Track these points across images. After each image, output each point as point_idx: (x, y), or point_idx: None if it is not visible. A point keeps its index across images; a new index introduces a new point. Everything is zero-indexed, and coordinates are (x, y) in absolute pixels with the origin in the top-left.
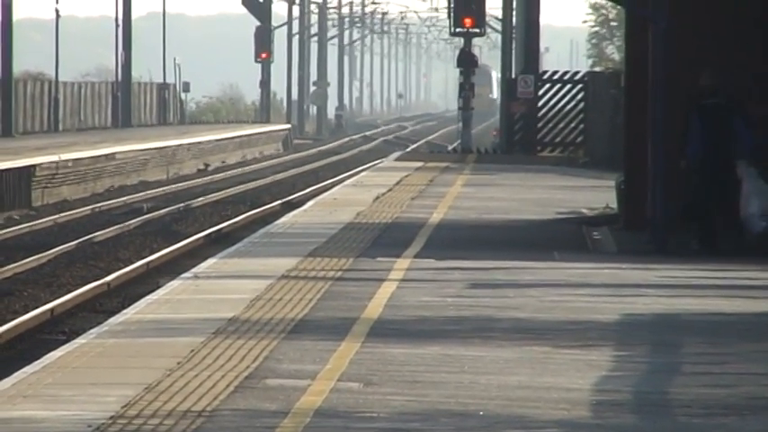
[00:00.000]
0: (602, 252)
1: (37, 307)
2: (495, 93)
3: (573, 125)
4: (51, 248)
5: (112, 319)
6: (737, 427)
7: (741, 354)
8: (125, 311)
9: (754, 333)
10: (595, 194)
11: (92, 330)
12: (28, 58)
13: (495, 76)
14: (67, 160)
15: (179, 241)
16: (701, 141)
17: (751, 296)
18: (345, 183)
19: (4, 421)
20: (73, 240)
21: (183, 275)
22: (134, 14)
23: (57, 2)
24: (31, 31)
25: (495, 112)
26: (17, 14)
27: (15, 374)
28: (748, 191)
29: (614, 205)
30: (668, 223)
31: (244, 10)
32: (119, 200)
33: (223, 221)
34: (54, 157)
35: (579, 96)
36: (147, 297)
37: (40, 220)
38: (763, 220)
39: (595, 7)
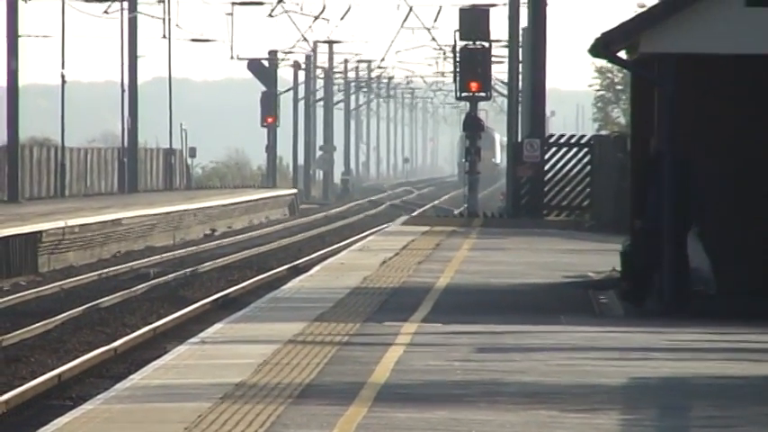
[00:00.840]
0: (609, 316)
1: (44, 373)
2: (499, 157)
3: (579, 189)
4: (58, 314)
5: (119, 385)
6: None
7: (750, 417)
8: (132, 377)
9: (762, 396)
10: (602, 258)
11: (99, 396)
12: (34, 124)
13: (499, 140)
14: (74, 226)
15: (186, 306)
16: (656, 202)
17: (759, 359)
18: (352, 247)
19: None
20: (80, 306)
21: (190, 340)
22: (140, 79)
23: (62, 67)
24: (36, 97)
25: (497, 177)
26: (23, 80)
27: None
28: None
29: (620, 269)
30: (676, 286)
31: (250, 75)
32: (125, 265)
33: (230, 286)
34: (60, 223)
35: (585, 160)
36: (154, 362)
37: (47, 286)
38: (698, 284)
39: (601, 71)
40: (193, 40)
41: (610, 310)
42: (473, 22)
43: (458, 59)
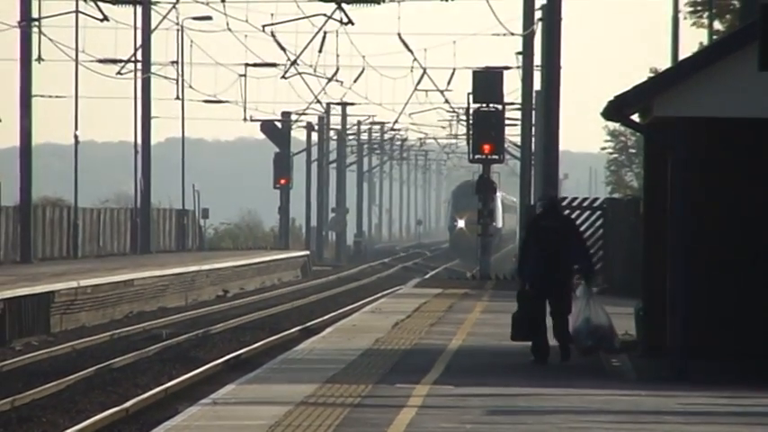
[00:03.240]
0: (622, 379)
1: None
2: (500, 221)
3: (592, 252)
4: (70, 375)
5: None
6: None
7: None
8: None
9: None
10: (614, 321)
11: None
12: (47, 184)
13: (501, 202)
14: (86, 286)
15: (198, 367)
16: (537, 260)
17: None
18: (364, 309)
19: None
20: (92, 366)
21: (202, 401)
22: (153, 140)
23: (76, 128)
24: (50, 157)
25: (499, 243)
26: (36, 140)
27: None
28: (579, 308)
29: (633, 332)
30: (688, 350)
31: (263, 136)
32: (138, 326)
33: (242, 347)
34: (73, 284)
35: (598, 223)
36: (166, 423)
37: (59, 346)
38: (589, 339)
39: (614, 134)
40: (206, 101)
41: (622, 374)
42: (486, 85)
43: (471, 122)
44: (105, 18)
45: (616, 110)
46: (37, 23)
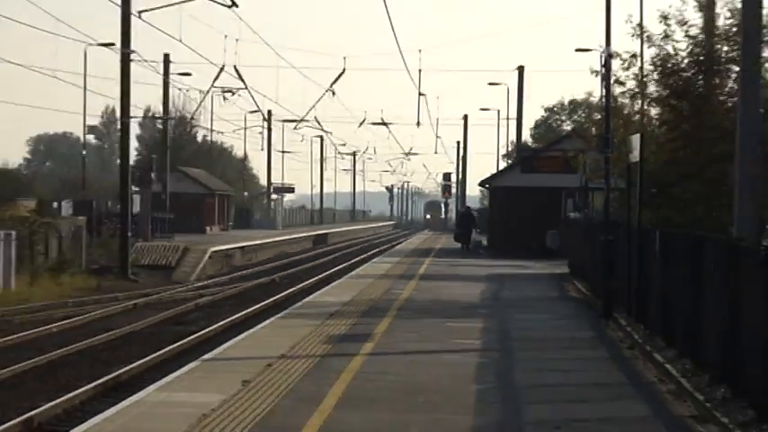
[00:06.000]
0: (481, 255)
1: None
2: (444, 215)
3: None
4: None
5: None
6: None
7: (522, 281)
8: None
9: (527, 278)
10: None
11: None
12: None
13: (443, 207)
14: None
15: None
16: (460, 226)
17: (526, 268)
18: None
19: None
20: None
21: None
22: None
23: None
24: None
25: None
26: None
27: None
28: (472, 237)
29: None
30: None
31: None
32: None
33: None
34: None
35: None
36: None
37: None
38: (473, 244)
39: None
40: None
41: (483, 253)
42: (446, 187)
43: (442, 187)
44: None
45: (481, 183)
46: None
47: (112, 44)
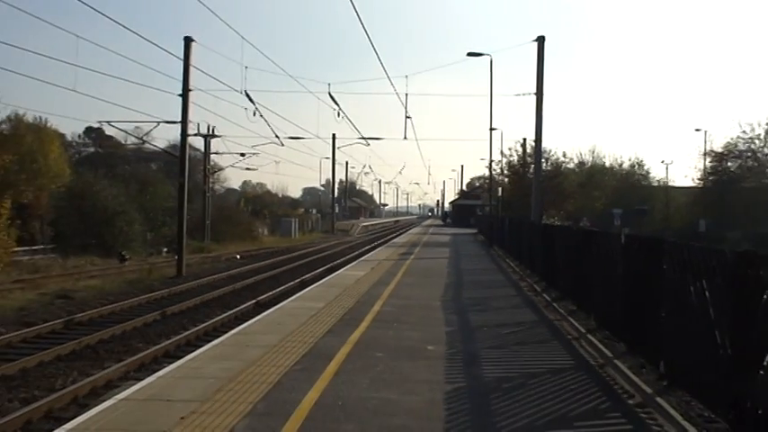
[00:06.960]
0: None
1: None
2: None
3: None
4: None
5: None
6: None
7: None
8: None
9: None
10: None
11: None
12: None
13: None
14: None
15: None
16: (443, 216)
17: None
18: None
19: None
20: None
21: (294, 297)
22: None
23: None
24: None
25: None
26: None
27: None
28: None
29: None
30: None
31: None
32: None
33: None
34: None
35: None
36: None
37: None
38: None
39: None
40: None
41: (448, 225)
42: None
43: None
44: None
45: (450, 202)
46: None
47: None
